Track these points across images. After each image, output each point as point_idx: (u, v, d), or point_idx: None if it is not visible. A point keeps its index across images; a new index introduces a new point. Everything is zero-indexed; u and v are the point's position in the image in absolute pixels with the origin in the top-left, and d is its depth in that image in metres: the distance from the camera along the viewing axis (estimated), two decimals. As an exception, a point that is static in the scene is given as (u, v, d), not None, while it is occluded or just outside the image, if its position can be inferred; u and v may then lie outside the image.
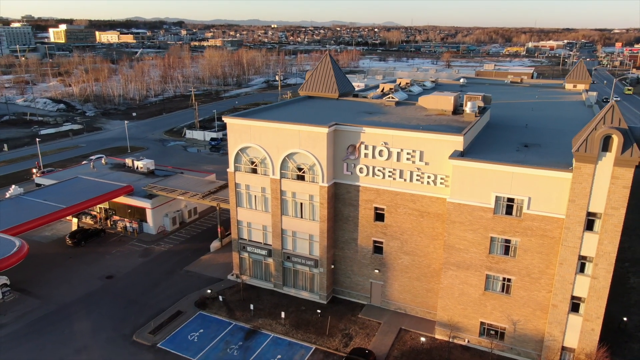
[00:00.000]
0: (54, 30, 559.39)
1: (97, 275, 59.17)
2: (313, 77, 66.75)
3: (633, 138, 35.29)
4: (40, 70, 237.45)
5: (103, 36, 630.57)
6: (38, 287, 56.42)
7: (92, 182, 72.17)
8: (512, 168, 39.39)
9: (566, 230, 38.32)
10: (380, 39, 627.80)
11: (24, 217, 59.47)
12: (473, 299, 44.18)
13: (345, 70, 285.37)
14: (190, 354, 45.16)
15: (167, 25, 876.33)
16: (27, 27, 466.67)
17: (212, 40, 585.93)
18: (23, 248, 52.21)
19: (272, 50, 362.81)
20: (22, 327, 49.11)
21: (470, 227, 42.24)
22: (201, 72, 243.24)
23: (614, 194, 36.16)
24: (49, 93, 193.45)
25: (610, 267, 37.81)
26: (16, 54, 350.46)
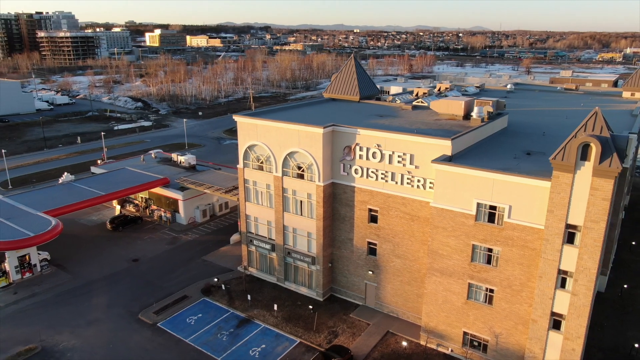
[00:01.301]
0: (149, 34, 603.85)
1: (125, 258, 64.55)
2: (337, 79, 68.07)
3: (615, 147, 33.13)
4: (128, 71, 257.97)
5: (193, 40, 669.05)
6: (72, 263, 62.71)
7: (135, 173, 78.50)
8: (493, 175, 38.29)
9: (545, 242, 36.62)
10: (463, 44, 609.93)
11: (66, 200, 66.44)
12: (456, 307, 43.22)
13: (417, 75, 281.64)
14: (183, 335, 48.33)
15: (254, 30, 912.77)
16: (126, 32, 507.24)
17: (293, 44, 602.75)
18: (57, 227, 58.49)
19: (344, 54, 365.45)
20: (50, 298, 55.08)
21: (452, 233, 41.50)
22: (272, 75, 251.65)
23: (593, 206, 34.09)
24: (131, 92, 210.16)
25: (591, 284, 35.56)
26: (113, 56, 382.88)
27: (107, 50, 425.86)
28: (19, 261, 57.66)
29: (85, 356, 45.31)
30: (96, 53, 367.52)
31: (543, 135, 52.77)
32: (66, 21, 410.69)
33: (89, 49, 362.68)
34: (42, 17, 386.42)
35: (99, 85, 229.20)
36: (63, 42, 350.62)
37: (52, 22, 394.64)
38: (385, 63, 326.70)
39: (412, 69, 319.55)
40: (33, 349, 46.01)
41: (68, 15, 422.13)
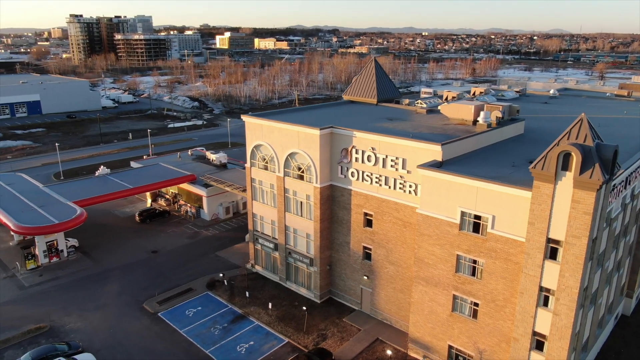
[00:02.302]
0: (220, 37, 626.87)
1: (146, 249, 67.69)
2: (357, 82, 67.58)
3: (599, 157, 30.57)
4: (192, 72, 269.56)
5: (261, 43, 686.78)
6: (97, 251, 66.65)
7: (166, 169, 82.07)
8: (477, 183, 36.53)
9: (526, 256, 34.43)
10: (536, 48, 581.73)
11: (95, 192, 70.83)
12: (441, 319, 41.58)
13: (479, 79, 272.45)
14: (179, 326, 50.02)
15: (322, 33, 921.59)
16: (197, 35, 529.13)
17: (358, 47, 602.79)
18: (81, 216, 62.50)
19: (408, 58, 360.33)
20: (69, 282, 58.93)
21: (437, 242, 40.01)
22: (328, 77, 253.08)
23: (574, 219, 31.64)
24: (191, 92, 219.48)
25: (573, 304, 32.98)
26: (183, 58, 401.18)
27: (179, 52, 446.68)
28: (47, 246, 62.13)
29: (86, 337, 48.09)
30: (167, 55, 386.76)
31: (560, 144, 49.43)
32: (141, 24, 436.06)
33: (160, 50, 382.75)
34: (120, 20, 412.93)
35: (163, 85, 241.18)
36: (137, 44, 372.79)
37: (128, 26, 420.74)
38: (446, 67, 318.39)
39: (475, 73, 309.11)
40: (42, 327, 49.49)
41: (143, 19, 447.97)
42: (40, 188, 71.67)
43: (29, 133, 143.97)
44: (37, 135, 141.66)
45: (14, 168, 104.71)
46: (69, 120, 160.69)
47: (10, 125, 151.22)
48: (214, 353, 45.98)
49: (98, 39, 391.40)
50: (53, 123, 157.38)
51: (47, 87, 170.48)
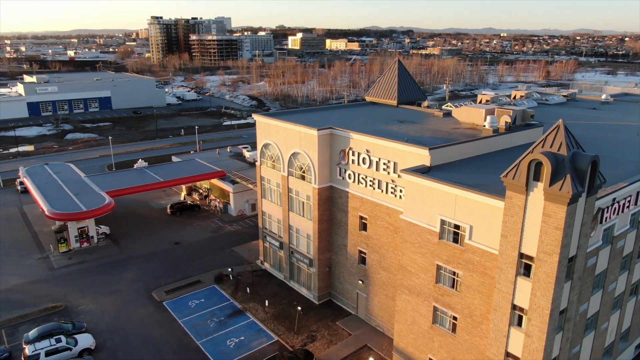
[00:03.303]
0: (292, 38, 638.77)
1: (170, 240, 70.70)
2: (380, 83, 66.40)
3: (573, 168, 27.97)
4: (255, 71, 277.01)
5: (333, 43, 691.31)
6: (125, 239, 70.56)
7: (200, 165, 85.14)
8: (455, 190, 34.67)
9: (499, 271, 32.23)
10: (625, 49, 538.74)
11: (128, 183, 75.03)
12: (423, 330, 39.90)
13: (552, 83, 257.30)
14: (179, 316, 51.84)
15: (396, 34, 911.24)
16: (270, 36, 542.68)
17: (430, 48, 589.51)
18: (109, 205, 66.48)
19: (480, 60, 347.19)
20: (93, 266, 62.89)
21: (419, 250, 38.46)
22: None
23: (545, 234, 29.16)
24: (252, 91, 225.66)
25: (544, 326, 30.39)
26: (254, 58, 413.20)
27: (250, 53, 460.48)
28: (79, 232, 66.69)
29: (93, 319, 51.16)
30: (238, 55, 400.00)
31: (577, 153, 45.70)
32: (215, 26, 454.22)
33: (232, 50, 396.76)
34: (196, 22, 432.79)
35: (228, 84, 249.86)
36: (210, 44, 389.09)
37: (204, 27, 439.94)
38: (517, 69, 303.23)
39: (549, 76, 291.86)
40: (58, 306, 53.25)
41: (218, 21, 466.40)
42: (81, 178, 77.04)
43: (97, 127, 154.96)
44: (103, 128, 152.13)
45: (74, 158, 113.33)
46: (134, 116, 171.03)
47: (82, 119, 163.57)
48: (204, 344, 47.20)
49: (175, 40, 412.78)
50: (120, 118, 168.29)
51: (117, 85, 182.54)
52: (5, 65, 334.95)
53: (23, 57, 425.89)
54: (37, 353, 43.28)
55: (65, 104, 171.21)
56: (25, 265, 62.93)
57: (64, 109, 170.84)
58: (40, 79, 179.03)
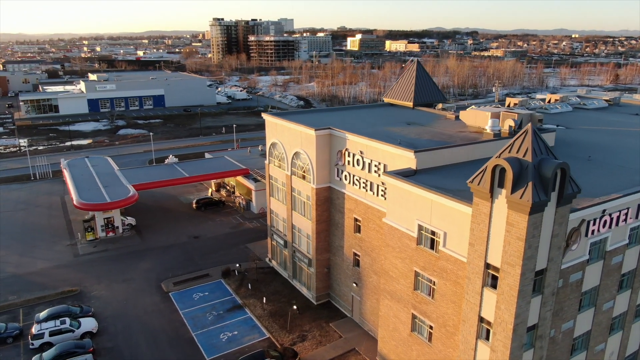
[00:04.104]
0: (351, 39, 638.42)
1: (190, 234, 73.02)
2: (398, 84, 65.30)
3: (537, 175, 26.32)
4: (305, 72, 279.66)
5: (393, 45, 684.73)
6: (149, 231, 73.66)
7: (227, 162, 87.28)
8: (431, 195, 33.56)
9: (467, 281, 30.89)
10: None
11: (154, 177, 78.22)
12: (402, 338, 38.89)
13: (620, 87, 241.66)
14: (181, 307, 53.50)
15: (460, 35, 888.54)
16: (328, 37, 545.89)
17: (493, 50, 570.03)
18: (132, 197, 69.72)
19: (539, 62, 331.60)
20: (114, 255, 66.15)
21: (399, 255, 37.54)
22: (442, 80, 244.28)
23: (509, 245, 27.63)
24: (301, 92, 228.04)
25: (507, 341, 28.77)
26: (310, 59, 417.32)
27: (307, 54, 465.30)
28: (105, 222, 70.40)
29: (102, 304, 53.88)
30: (294, 55, 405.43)
31: (588, 160, 42.92)
32: (274, 27, 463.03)
33: (288, 51, 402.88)
34: (255, 23, 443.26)
35: (279, 85, 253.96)
36: (267, 45, 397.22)
37: (262, 28, 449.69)
38: (583, 72, 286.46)
39: (618, 79, 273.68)
40: (74, 290, 56.53)
41: (276, 22, 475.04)
42: (114, 171, 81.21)
43: (148, 123, 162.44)
44: (153, 125, 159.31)
45: (120, 153, 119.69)
46: (184, 114, 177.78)
47: (135, 116, 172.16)
48: (198, 336, 48.44)
49: (235, 41, 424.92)
50: (170, 115, 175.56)
51: (170, 83, 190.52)
52: (78, 64, 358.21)
53: (96, 57, 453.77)
54: (41, 332, 46.24)
55: (122, 101, 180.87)
56: (54, 250, 67.24)
57: (121, 106, 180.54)
58: (100, 77, 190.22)
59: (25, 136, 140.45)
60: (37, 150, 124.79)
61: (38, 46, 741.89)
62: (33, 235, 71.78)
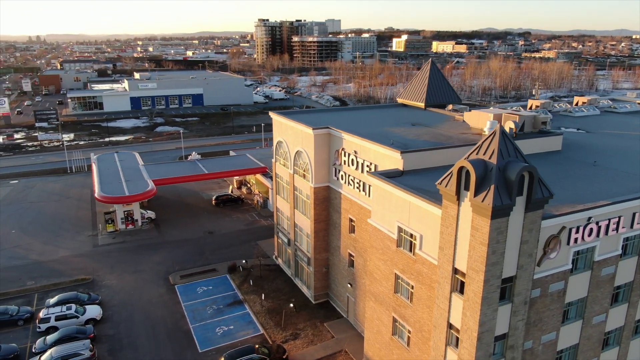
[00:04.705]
0: (396, 40, 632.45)
1: (205, 229, 74.66)
2: (412, 84, 64.28)
3: (502, 178, 25.33)
4: (347, 73, 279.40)
5: (440, 46, 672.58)
6: (167, 225, 75.86)
7: (248, 160, 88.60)
8: (408, 197, 32.89)
9: (437, 285, 30.10)
10: None
11: (174, 173, 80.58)
12: (385, 341, 38.30)
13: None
14: (184, 299, 54.85)
15: (512, 36, 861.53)
16: (373, 38, 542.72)
17: (545, 52, 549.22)
18: (151, 191, 72.14)
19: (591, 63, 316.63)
20: (131, 247, 68.58)
21: (382, 257, 37.01)
22: (486, 83, 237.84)
23: (473, 249, 26.72)
24: (338, 92, 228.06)
25: (472, 350, 27.79)
26: (354, 60, 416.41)
27: (351, 54, 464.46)
28: (125, 214, 73.11)
29: (111, 293, 56.06)
30: (337, 56, 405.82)
31: (593, 165, 40.79)
32: (317, 28, 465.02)
33: (331, 52, 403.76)
34: (300, 24, 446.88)
35: (318, 85, 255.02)
36: (310, 45, 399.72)
37: (306, 29, 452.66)
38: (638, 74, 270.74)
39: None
40: (86, 279, 59.09)
41: (320, 23, 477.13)
42: (139, 166, 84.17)
43: (185, 121, 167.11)
44: (189, 123, 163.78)
45: (153, 149, 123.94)
46: (220, 112, 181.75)
47: (174, 114, 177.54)
48: (195, 329, 49.53)
49: (279, 41, 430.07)
50: (207, 114, 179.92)
51: (209, 83, 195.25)
52: (129, 64, 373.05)
53: (147, 56, 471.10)
54: (48, 317, 48.64)
55: (162, 100, 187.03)
56: (76, 240, 70.48)
57: (161, 104, 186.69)
58: (143, 76, 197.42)
59: (70, 131, 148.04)
60: (78, 145, 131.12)
61: (95, 46, 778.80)
62: (60, 225, 75.50)
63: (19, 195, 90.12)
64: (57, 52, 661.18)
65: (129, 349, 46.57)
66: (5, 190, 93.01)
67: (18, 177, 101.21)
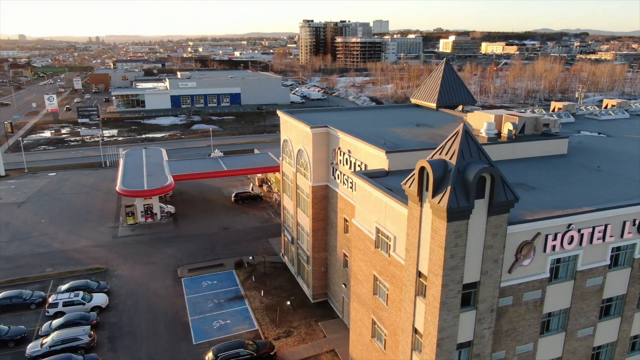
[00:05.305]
0: (443, 41, 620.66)
1: (221, 225, 76.04)
2: (425, 85, 63.08)
3: (460, 179, 24.47)
4: (390, 74, 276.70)
5: (489, 47, 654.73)
6: (185, 220, 77.82)
7: (268, 158, 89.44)
8: (385, 197, 32.31)
9: (405, 288, 29.42)
10: None
11: (194, 169, 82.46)
12: (365, 343, 37.77)
13: None
14: (187, 292, 56.12)
15: (567, 37, 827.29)
16: (418, 39, 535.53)
17: (602, 53, 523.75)
18: (169, 186, 74.27)
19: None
20: (148, 239, 70.81)
21: (363, 257, 36.55)
22: (530, 85, 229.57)
23: (433, 252, 25.96)
24: (376, 93, 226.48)
25: (432, 355, 26.95)
26: (396, 61, 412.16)
27: (395, 55, 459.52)
28: (145, 208, 75.58)
29: (120, 282, 58.14)
30: (380, 57, 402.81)
31: (597, 170, 38.66)
32: (361, 28, 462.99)
33: (374, 53, 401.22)
34: (343, 25, 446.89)
35: (357, 85, 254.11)
36: (353, 46, 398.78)
37: (350, 30, 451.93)
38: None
39: None
40: (100, 268, 61.55)
41: (364, 24, 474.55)
42: (163, 162, 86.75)
43: (221, 119, 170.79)
44: (225, 121, 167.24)
45: (185, 146, 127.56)
46: (256, 111, 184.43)
47: (211, 112, 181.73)
48: (193, 322, 50.56)
49: (323, 42, 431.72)
50: (243, 113, 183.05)
51: (247, 82, 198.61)
52: (177, 64, 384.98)
53: (195, 57, 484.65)
54: (56, 302, 51.03)
55: (201, 98, 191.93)
56: (98, 231, 73.51)
57: (200, 103, 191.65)
58: (183, 75, 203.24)
59: (112, 128, 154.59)
60: (116, 140, 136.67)
61: (149, 47, 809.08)
62: (85, 217, 78.97)
63: (54, 186, 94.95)
64: (112, 52, 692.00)
65: (128, 337, 48.14)
66: (43, 181, 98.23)
67: (56, 170, 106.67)
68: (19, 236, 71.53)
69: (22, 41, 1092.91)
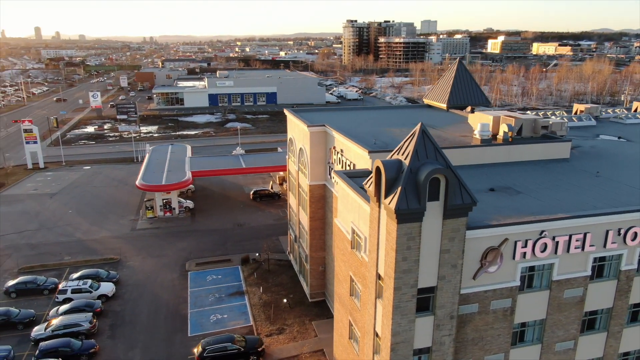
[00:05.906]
0: (492, 41, 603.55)
1: (235, 221, 77.27)
2: (437, 85, 61.74)
3: (412, 180, 23.85)
4: (431, 75, 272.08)
5: (541, 47, 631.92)
6: (202, 215, 79.58)
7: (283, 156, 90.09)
8: (357, 198, 31.88)
9: (367, 290, 28.93)
10: None
11: (214, 166, 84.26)
12: (344, 345, 37.36)
13: None
14: (192, 285, 57.39)
15: (628, 37, 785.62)
16: (465, 39, 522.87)
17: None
18: (186, 181, 76.27)
19: None
20: (164, 233, 72.91)
21: (342, 258, 36.21)
22: (576, 87, 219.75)
23: (387, 255, 25.41)
24: (413, 94, 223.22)
25: (387, 359, 26.39)
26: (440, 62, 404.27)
27: (440, 56, 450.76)
28: (163, 202, 77.86)
29: (130, 273, 60.19)
30: (424, 57, 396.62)
31: (596, 176, 36.66)
32: (405, 28, 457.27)
33: (418, 53, 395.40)
34: (387, 25, 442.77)
35: (396, 86, 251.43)
36: (396, 46, 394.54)
37: (393, 30, 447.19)
38: None
39: None
40: (114, 259, 63.90)
41: (408, 24, 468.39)
42: (185, 157, 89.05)
43: (255, 118, 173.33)
44: (258, 120, 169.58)
45: (215, 143, 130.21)
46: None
47: (247, 111, 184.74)
48: (192, 314, 51.66)
49: (366, 42, 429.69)
50: (278, 112, 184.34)
51: (283, 82, 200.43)
52: (222, 63, 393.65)
53: (241, 56, 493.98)
54: (65, 289, 53.43)
55: (238, 97, 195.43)
56: (119, 223, 76.38)
57: (237, 101, 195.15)
58: (221, 74, 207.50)
59: (150, 124, 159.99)
60: (152, 137, 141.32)
61: (199, 46, 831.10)
62: (109, 209, 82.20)
63: (87, 179, 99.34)
64: (163, 51, 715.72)
65: (128, 325, 49.78)
66: (77, 174, 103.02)
67: (91, 164, 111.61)
68: (46, 225, 75.34)
69: (82, 41, 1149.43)
